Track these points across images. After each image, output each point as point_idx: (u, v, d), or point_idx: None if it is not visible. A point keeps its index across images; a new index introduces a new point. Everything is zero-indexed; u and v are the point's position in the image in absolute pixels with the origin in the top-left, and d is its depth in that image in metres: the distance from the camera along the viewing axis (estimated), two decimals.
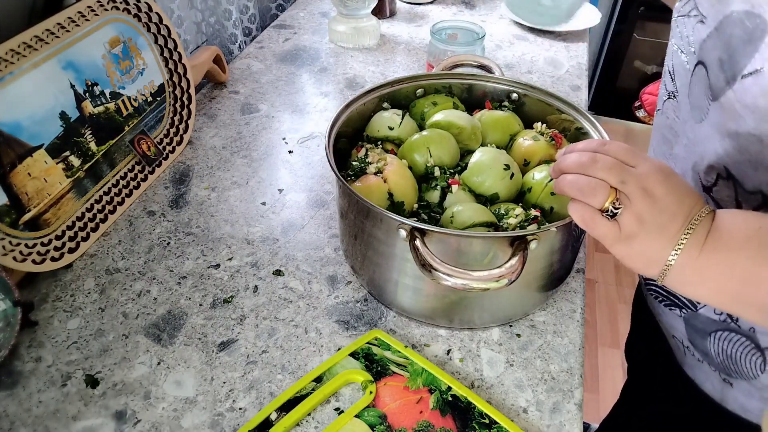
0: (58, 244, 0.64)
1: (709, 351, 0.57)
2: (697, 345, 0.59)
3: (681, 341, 0.62)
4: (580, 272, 0.67)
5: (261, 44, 1.14)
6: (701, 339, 0.58)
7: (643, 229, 0.42)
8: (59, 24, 0.64)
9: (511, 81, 0.71)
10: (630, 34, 2.36)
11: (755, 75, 0.42)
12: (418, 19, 1.27)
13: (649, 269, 0.43)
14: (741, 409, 0.58)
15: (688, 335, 0.59)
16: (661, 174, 0.42)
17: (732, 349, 0.54)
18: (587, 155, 0.44)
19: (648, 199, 0.41)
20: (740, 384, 0.56)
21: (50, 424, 0.51)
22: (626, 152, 0.44)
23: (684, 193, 0.43)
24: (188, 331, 0.59)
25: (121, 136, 0.74)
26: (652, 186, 0.42)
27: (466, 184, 0.61)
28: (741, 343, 0.53)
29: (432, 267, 0.47)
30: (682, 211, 0.42)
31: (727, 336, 0.54)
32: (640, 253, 0.43)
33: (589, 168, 0.43)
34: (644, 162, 0.43)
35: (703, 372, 0.60)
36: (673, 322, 0.61)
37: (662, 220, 0.42)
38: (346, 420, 0.50)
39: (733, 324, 0.53)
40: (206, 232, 0.71)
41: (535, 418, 0.52)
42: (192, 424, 0.51)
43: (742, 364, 0.54)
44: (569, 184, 0.44)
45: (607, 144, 0.45)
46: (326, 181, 0.80)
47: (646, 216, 0.42)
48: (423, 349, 0.58)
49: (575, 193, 0.44)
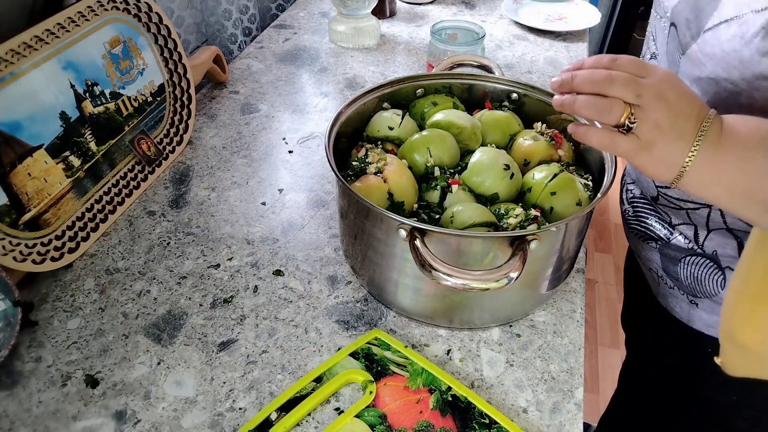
0: (58, 244, 0.64)
1: (680, 276, 0.64)
2: (669, 272, 0.66)
3: (656, 272, 0.68)
4: (580, 272, 0.67)
5: (261, 44, 1.14)
6: (673, 266, 0.64)
7: (662, 134, 0.44)
8: (59, 24, 0.64)
9: (511, 81, 0.71)
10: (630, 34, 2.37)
11: (713, 29, 0.49)
12: (418, 19, 1.27)
13: (669, 173, 0.46)
14: (705, 326, 0.64)
15: (662, 264, 0.66)
16: (671, 79, 0.45)
17: (698, 272, 0.61)
18: (601, 73, 0.45)
19: (664, 105, 0.44)
20: (704, 302, 0.63)
21: (50, 424, 0.51)
22: (637, 65, 0.46)
23: (692, 96, 0.46)
24: (188, 331, 0.59)
25: (121, 136, 0.74)
26: (665, 92, 0.44)
27: (466, 184, 0.61)
28: (705, 265, 0.61)
29: (432, 267, 0.47)
30: (694, 113, 0.45)
31: (694, 260, 0.61)
32: (661, 159, 0.45)
33: (606, 86, 0.45)
34: (654, 71, 0.46)
35: (674, 297, 0.67)
36: (649, 254, 0.68)
37: (679, 124, 0.44)
38: (346, 420, 0.50)
39: (699, 249, 0.60)
40: (206, 232, 0.71)
41: (535, 418, 0.52)
42: (192, 424, 0.51)
43: (705, 283, 0.61)
44: (585, 105, 0.45)
45: (618, 59, 0.46)
46: (326, 181, 0.80)
47: (664, 122, 0.44)
48: (423, 349, 0.58)
49: (592, 114, 0.45)
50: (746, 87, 0.48)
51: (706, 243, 0.60)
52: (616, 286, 1.93)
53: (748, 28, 0.47)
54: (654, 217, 0.65)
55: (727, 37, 0.48)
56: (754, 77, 0.47)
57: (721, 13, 0.49)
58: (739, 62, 0.48)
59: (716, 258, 0.59)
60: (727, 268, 0.59)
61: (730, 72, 0.49)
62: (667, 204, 0.62)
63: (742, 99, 0.49)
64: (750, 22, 0.46)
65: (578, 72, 0.47)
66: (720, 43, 0.49)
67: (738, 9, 0.48)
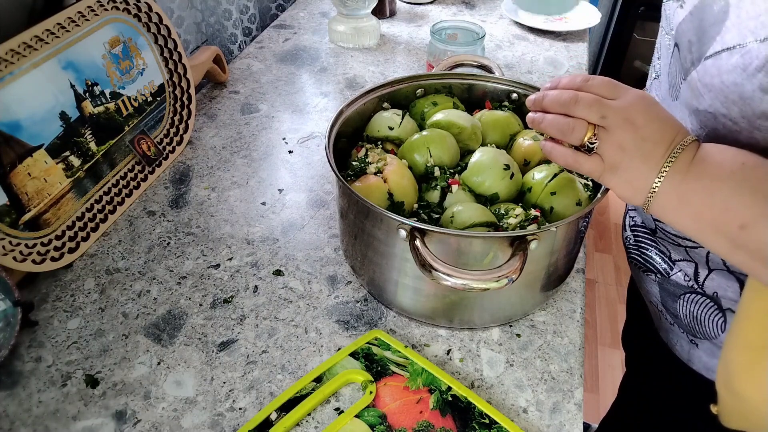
0: (58, 244, 0.64)
1: (678, 313, 0.61)
2: (668, 308, 0.63)
3: (656, 305, 0.66)
4: (580, 272, 0.67)
5: (261, 44, 1.14)
6: (672, 302, 0.62)
7: (625, 156, 0.44)
8: (59, 24, 0.64)
9: (511, 81, 0.71)
10: (630, 34, 2.36)
11: (714, 57, 0.46)
12: (418, 19, 1.27)
13: (636, 197, 0.46)
14: (705, 368, 0.62)
15: (661, 299, 0.64)
16: (643, 103, 0.45)
17: (698, 311, 0.59)
18: (568, 94, 0.46)
19: (629, 127, 0.44)
20: (704, 344, 0.60)
21: (50, 424, 0.51)
22: (608, 86, 0.46)
23: (666, 121, 0.45)
24: (188, 331, 0.59)
25: (121, 136, 0.74)
26: (633, 115, 0.44)
27: (466, 184, 0.61)
28: (705, 304, 0.58)
29: (432, 267, 0.47)
30: (665, 139, 0.44)
31: (694, 298, 0.59)
32: (627, 181, 0.45)
33: (570, 107, 0.46)
34: (626, 93, 0.46)
35: (674, 334, 0.64)
36: (649, 287, 0.65)
37: (645, 148, 0.44)
38: (346, 420, 0.50)
39: (699, 288, 0.58)
40: (206, 232, 0.71)
41: (535, 418, 0.52)
42: (192, 424, 0.51)
43: (705, 324, 0.58)
44: (549, 124, 0.47)
45: (590, 80, 0.47)
46: (326, 181, 0.80)
47: (628, 144, 0.44)
48: (423, 349, 0.58)
49: (554, 132, 0.47)
50: (746, 126, 0.45)
51: (707, 283, 0.57)
52: (616, 286, 1.93)
53: (751, 60, 0.43)
54: (654, 249, 0.63)
55: (728, 67, 0.45)
56: (755, 116, 0.44)
57: (724, 39, 0.46)
58: (740, 98, 0.44)
59: (717, 299, 0.56)
60: (728, 310, 0.56)
61: (730, 108, 0.45)
62: (665, 238, 0.60)
63: (741, 138, 0.46)
64: (753, 53, 0.43)
65: (549, 91, 0.48)
66: (720, 73, 0.46)
67: (741, 36, 0.44)
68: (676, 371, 0.65)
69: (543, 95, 0.48)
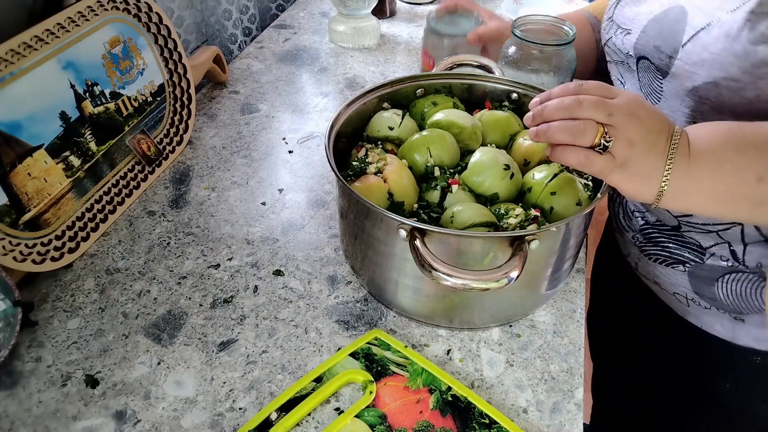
0: (58, 244, 0.64)
1: (717, 296, 0.61)
2: (703, 294, 0.63)
3: (684, 295, 0.65)
4: (580, 272, 0.67)
5: (261, 44, 1.14)
6: (708, 287, 0.62)
7: (635, 150, 0.46)
8: (59, 24, 0.64)
9: (511, 81, 0.71)
10: None
11: (692, 41, 0.51)
12: (418, 19, 1.27)
13: (646, 190, 0.47)
14: (754, 340, 0.62)
15: (693, 287, 0.63)
16: (638, 99, 0.47)
17: (741, 288, 0.59)
18: (570, 98, 0.47)
19: (636, 122, 0.46)
20: (752, 318, 0.60)
21: (50, 424, 0.51)
22: (603, 88, 0.48)
23: (660, 113, 0.48)
24: (188, 331, 0.59)
25: (121, 136, 0.74)
26: (636, 110, 0.46)
27: (466, 184, 0.61)
28: (749, 280, 0.58)
29: (432, 267, 0.47)
30: (665, 129, 0.47)
31: (735, 277, 0.59)
32: (637, 174, 0.46)
33: (575, 110, 0.46)
34: (621, 92, 0.48)
35: (711, 316, 0.64)
36: (675, 279, 0.65)
37: (651, 138, 0.46)
38: (346, 420, 0.50)
39: (741, 266, 0.58)
40: (206, 232, 0.71)
41: (535, 418, 0.52)
42: (192, 424, 0.51)
43: (753, 299, 0.59)
44: (559, 129, 0.47)
45: (583, 84, 0.48)
46: (326, 181, 0.80)
47: (636, 137, 0.45)
48: (423, 349, 0.58)
49: (566, 137, 0.46)
50: (749, 79, 0.48)
51: (746, 257, 0.58)
52: None
53: (730, 27, 0.48)
54: (676, 242, 0.63)
55: (710, 40, 0.49)
56: (754, 66, 0.47)
57: (693, 24, 0.51)
58: (734, 57, 0.48)
59: (761, 272, 0.57)
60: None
61: (728, 69, 0.49)
62: (693, 230, 0.60)
63: (747, 93, 0.49)
64: (729, 22, 0.48)
65: (548, 102, 0.48)
66: (706, 47, 0.50)
67: (709, 16, 0.49)
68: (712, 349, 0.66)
69: (542, 107, 0.48)
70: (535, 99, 0.50)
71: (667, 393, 0.76)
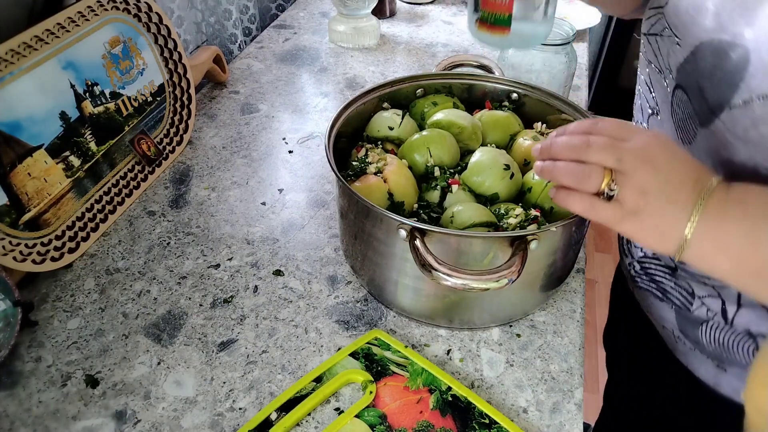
0: (58, 244, 0.64)
1: (701, 340, 0.57)
2: (688, 335, 0.58)
3: (671, 331, 0.61)
4: (580, 272, 0.67)
5: (261, 44, 1.14)
6: (692, 329, 0.57)
7: (648, 201, 0.40)
8: (59, 24, 0.64)
9: (511, 81, 0.71)
10: (630, 34, 2.36)
11: (744, 107, 0.42)
12: (418, 19, 1.27)
13: (665, 244, 0.42)
14: (735, 392, 0.57)
15: (679, 325, 0.59)
16: (658, 142, 0.41)
17: (724, 338, 0.53)
18: (579, 138, 0.43)
19: (650, 169, 0.40)
20: (734, 369, 0.55)
21: (50, 424, 0.51)
22: (620, 127, 0.43)
23: (686, 160, 0.41)
24: (188, 331, 0.59)
25: (121, 136, 0.74)
26: (651, 155, 0.40)
27: (466, 183, 0.61)
28: (733, 331, 0.52)
29: (432, 267, 0.47)
30: (689, 179, 0.40)
31: (719, 325, 0.53)
32: (653, 227, 0.41)
33: (583, 152, 0.42)
34: (640, 134, 0.42)
35: (696, 359, 0.60)
36: (664, 314, 0.61)
37: (669, 189, 0.40)
38: (346, 420, 0.50)
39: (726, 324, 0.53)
40: (206, 232, 0.71)
41: (535, 418, 0.52)
42: (192, 424, 0.51)
43: (734, 351, 0.53)
44: (562, 172, 0.43)
45: (599, 123, 0.44)
46: (326, 181, 0.80)
47: (650, 186, 0.40)
48: (423, 349, 0.58)
49: (569, 181, 0.43)
50: None
51: (736, 320, 0.52)
52: None
53: None
54: (671, 283, 0.58)
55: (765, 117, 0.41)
56: None
57: (750, 86, 0.41)
58: None
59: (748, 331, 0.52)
60: (760, 336, 0.51)
61: None
62: (689, 277, 0.55)
63: None
64: None
65: (558, 138, 0.44)
66: (756, 124, 0.41)
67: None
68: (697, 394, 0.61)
69: (551, 142, 0.45)
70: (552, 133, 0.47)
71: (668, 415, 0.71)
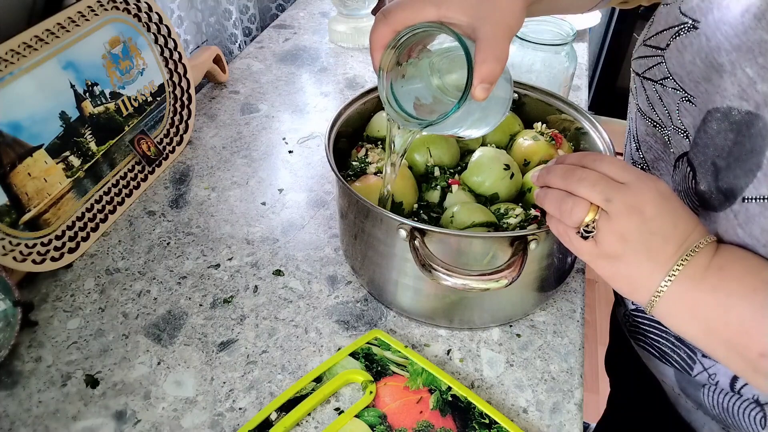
0: (58, 244, 0.64)
1: (703, 402, 0.53)
2: (689, 395, 0.55)
3: (672, 387, 0.58)
4: (580, 272, 0.67)
5: (261, 44, 1.14)
6: (694, 390, 0.54)
7: (627, 248, 0.39)
8: (59, 24, 0.64)
9: None
10: (630, 34, 2.36)
11: (762, 203, 0.38)
12: None
13: (636, 294, 0.41)
14: None
15: (679, 384, 0.56)
16: (655, 193, 0.39)
17: (728, 403, 0.50)
18: (573, 170, 0.42)
19: (636, 218, 0.39)
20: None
21: (50, 424, 0.51)
22: (621, 168, 0.41)
23: (680, 216, 0.39)
24: (188, 331, 0.59)
25: (121, 136, 0.74)
26: (643, 204, 0.39)
27: (466, 184, 0.61)
28: (739, 398, 0.49)
29: (432, 267, 0.47)
30: (676, 236, 0.39)
31: (723, 390, 0.50)
32: (626, 275, 0.40)
33: (573, 184, 0.41)
34: (639, 179, 0.40)
35: (699, 417, 0.57)
36: (662, 369, 0.58)
37: (652, 243, 0.39)
38: (346, 420, 0.50)
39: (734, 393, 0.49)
40: (206, 232, 0.71)
41: (535, 418, 0.52)
42: (192, 424, 0.51)
43: (740, 418, 0.50)
44: (549, 200, 0.43)
45: (600, 158, 0.42)
46: (326, 181, 0.80)
47: (632, 235, 0.39)
48: (423, 349, 0.58)
49: (552, 211, 0.43)
50: None
51: (744, 389, 0.48)
52: None
53: None
54: (669, 340, 0.54)
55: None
56: None
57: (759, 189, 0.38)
58: None
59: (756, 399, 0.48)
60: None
61: None
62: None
63: None
64: None
65: (555, 166, 0.44)
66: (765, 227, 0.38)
67: None
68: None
69: (547, 170, 0.44)
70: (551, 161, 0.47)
71: None
